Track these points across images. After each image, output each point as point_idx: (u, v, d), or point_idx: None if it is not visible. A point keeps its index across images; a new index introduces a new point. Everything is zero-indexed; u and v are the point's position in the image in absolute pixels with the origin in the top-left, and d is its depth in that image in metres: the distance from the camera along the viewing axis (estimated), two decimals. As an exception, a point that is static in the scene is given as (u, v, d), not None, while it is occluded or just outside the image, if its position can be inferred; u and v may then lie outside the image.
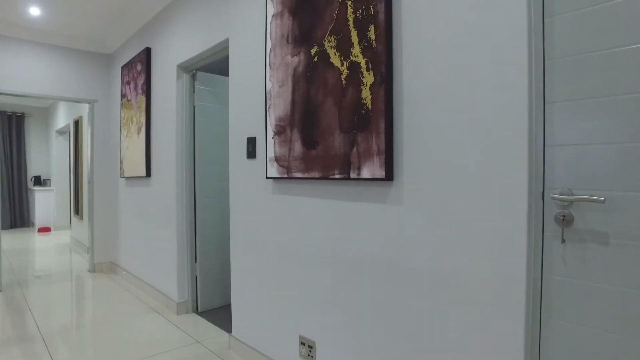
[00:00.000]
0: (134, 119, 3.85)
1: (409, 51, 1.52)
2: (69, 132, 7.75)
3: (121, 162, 4.21)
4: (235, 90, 2.50)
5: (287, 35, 2.04)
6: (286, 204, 2.10)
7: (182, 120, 3.24)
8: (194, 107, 3.26)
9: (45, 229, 7.80)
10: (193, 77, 3.26)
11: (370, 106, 1.62)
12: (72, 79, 4.50)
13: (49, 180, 8.43)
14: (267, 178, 2.15)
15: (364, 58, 1.65)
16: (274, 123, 2.11)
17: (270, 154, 2.13)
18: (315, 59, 1.88)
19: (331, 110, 1.79)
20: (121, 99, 4.23)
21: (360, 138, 1.66)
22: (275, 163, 2.10)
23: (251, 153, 2.33)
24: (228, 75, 3.44)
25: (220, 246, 3.39)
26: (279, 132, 2.07)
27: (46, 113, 8.75)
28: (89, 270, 4.67)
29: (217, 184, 3.36)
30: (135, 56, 3.85)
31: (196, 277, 3.29)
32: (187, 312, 3.27)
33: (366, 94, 1.63)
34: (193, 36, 3.00)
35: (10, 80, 4.14)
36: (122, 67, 4.18)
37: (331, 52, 1.80)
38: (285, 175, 2.03)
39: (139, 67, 3.76)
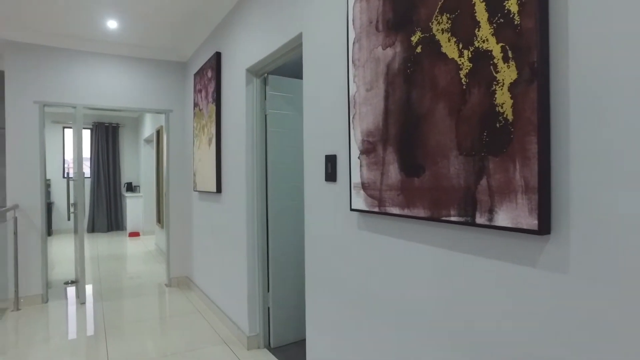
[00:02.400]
0: (205, 130, 3.60)
1: (584, 26, 0.92)
2: (154, 141, 7.99)
3: (194, 174, 4.00)
4: (310, 95, 2.04)
5: (377, 21, 1.52)
6: (377, 245, 1.58)
7: (253, 131, 2.87)
8: (265, 116, 2.88)
9: (134, 234, 8.12)
10: (264, 82, 2.88)
11: (510, 116, 1.04)
12: (151, 90, 4.41)
13: (139, 186, 8.79)
14: (351, 210, 1.65)
15: (498, 43, 1.08)
16: (360, 138, 1.61)
17: (356, 178, 1.63)
18: (418, 49, 1.34)
19: (444, 123, 1.24)
20: (194, 108, 4.03)
21: (494, 165, 1.09)
22: (362, 191, 1.59)
23: (330, 175, 1.85)
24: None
25: (295, 274, 2.98)
26: (367, 150, 1.56)
27: (136, 123, 9.17)
28: (166, 285, 4.56)
29: (292, 203, 2.95)
30: (206, 62, 3.60)
31: (268, 308, 2.91)
32: (259, 347, 2.90)
33: (503, 97, 1.06)
34: (262, 35, 2.61)
35: (97, 94, 4.15)
36: (195, 75, 3.97)
37: (442, 37, 1.25)
38: (376, 209, 1.51)
39: (209, 74, 3.49)
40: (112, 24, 3.75)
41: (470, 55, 1.16)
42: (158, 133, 6.25)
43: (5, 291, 3.81)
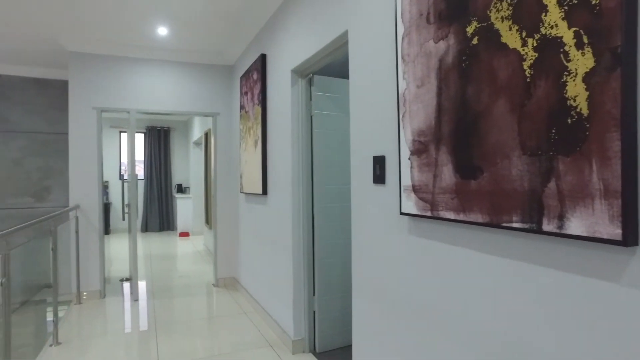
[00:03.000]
0: (251, 132, 3.62)
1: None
2: (202, 144, 8.22)
3: (240, 176, 4.04)
4: (357, 94, 1.97)
5: (428, 13, 1.43)
6: (428, 251, 1.49)
7: (298, 132, 2.84)
8: (311, 117, 2.84)
9: (184, 234, 8.39)
10: (309, 82, 2.84)
11: (585, 110, 0.92)
12: (199, 93, 4.52)
13: (188, 188, 9.09)
14: (401, 214, 1.57)
15: (570, 28, 0.96)
16: (410, 138, 1.52)
17: (406, 180, 1.54)
18: (475, 40, 1.24)
19: (504, 120, 1.13)
20: (240, 111, 4.07)
21: (565, 165, 0.97)
22: (412, 194, 1.50)
23: (379, 177, 1.77)
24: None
25: (342, 278, 2.91)
26: (419, 150, 1.47)
27: (186, 126, 9.49)
28: (213, 285, 4.65)
29: (339, 205, 2.89)
30: (251, 65, 3.62)
31: (314, 312, 2.86)
32: (304, 352, 2.86)
33: (577, 89, 0.94)
34: (307, 35, 2.57)
35: (149, 99, 4.30)
36: (241, 78, 4.01)
37: (502, 26, 1.14)
38: (429, 213, 1.42)
39: (254, 76, 3.51)
40: (162, 31, 3.87)
41: (535, 44, 1.05)
42: (206, 136, 6.41)
43: (69, 285, 4.02)
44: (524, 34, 1.08)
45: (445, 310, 1.40)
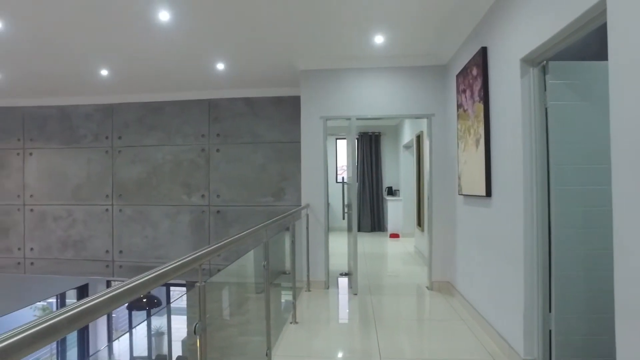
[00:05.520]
0: (471, 131, 3.43)
1: None
2: (413, 147, 8.30)
3: (458, 178, 3.88)
4: (624, 76, 1.60)
5: None
6: None
7: (530, 127, 2.54)
8: (545, 110, 2.49)
9: (395, 235, 8.64)
10: (543, 71, 2.50)
11: None
12: (411, 96, 4.58)
13: (398, 191, 9.33)
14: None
15: None
16: None
17: None
18: None
19: None
20: (457, 110, 3.92)
21: None
22: None
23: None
24: (592, 60, 2.47)
25: (587, 295, 2.45)
26: None
27: (396, 130, 9.79)
28: (427, 287, 4.60)
29: (582, 209, 2.44)
30: (469, 60, 3.44)
31: (550, 331, 2.49)
32: (538, 375, 2.51)
33: None
34: (540, 16, 2.26)
35: (365, 106, 4.62)
36: (457, 76, 3.86)
37: None
38: None
39: (474, 72, 3.31)
40: (378, 39, 4.07)
41: None
42: (418, 138, 6.44)
43: (302, 274, 4.63)
44: None
45: None
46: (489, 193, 3.08)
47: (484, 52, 3.12)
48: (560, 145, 2.46)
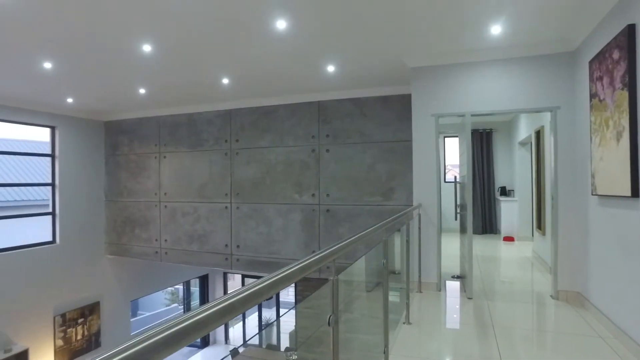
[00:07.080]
0: (610, 123, 3.04)
1: None
2: (530, 143, 7.63)
3: (592, 176, 3.47)
4: None
5: None
6: None
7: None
8: None
9: (509, 238, 8.03)
10: None
11: None
12: (531, 89, 4.21)
13: (513, 191, 8.66)
14: None
15: None
16: None
17: None
18: None
19: None
20: (590, 100, 3.51)
21: None
22: None
23: None
24: None
25: None
26: None
27: (509, 127, 9.10)
28: (551, 296, 4.20)
29: None
30: (608, 43, 3.05)
31: None
32: None
33: None
34: None
35: (480, 101, 4.38)
36: (590, 62, 3.46)
37: None
38: None
39: (615, 55, 2.93)
40: (495, 30, 3.83)
41: None
42: (537, 134, 5.91)
43: (413, 275, 4.56)
44: None
45: None
46: (635, 193, 2.71)
47: (630, 30, 2.74)
48: None
